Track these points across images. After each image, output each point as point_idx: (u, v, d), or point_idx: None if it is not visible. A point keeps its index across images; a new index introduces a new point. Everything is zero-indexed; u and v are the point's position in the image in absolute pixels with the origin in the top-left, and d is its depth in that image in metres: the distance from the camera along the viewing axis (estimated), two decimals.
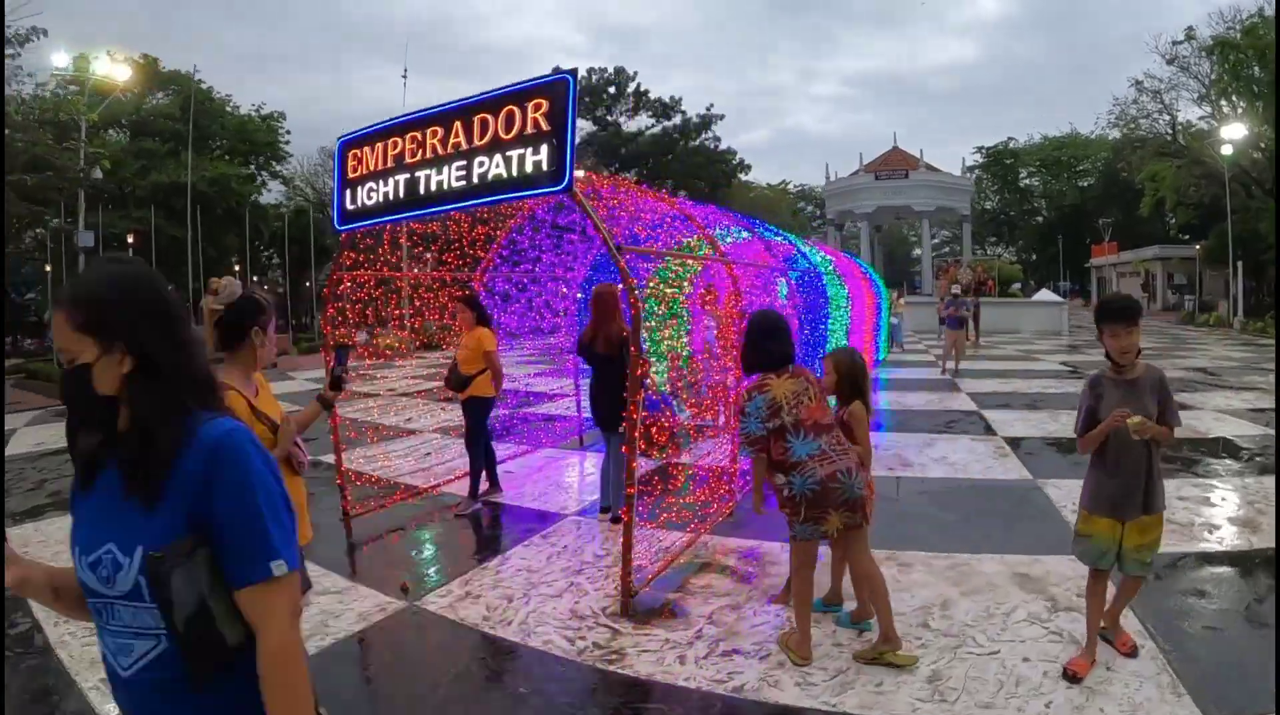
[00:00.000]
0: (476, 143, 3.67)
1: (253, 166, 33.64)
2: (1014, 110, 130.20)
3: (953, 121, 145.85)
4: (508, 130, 3.53)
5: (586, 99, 46.99)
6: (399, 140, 4.08)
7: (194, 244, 24.23)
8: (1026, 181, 56.33)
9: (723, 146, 48.98)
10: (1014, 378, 12.31)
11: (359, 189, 4.36)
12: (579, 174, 3.86)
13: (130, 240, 18.95)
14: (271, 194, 37.62)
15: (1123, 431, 2.63)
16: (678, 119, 47.47)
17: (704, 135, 47.98)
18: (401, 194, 4.08)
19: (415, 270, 7.00)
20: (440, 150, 3.85)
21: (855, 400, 3.28)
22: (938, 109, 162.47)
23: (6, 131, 14.05)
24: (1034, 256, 57.92)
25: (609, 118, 47.82)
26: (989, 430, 7.91)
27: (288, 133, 35.18)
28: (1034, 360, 15.38)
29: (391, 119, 4.20)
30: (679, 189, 46.39)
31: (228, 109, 31.64)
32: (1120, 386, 2.78)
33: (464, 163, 3.73)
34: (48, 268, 19.30)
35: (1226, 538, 4.43)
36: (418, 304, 6.58)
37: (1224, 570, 3.94)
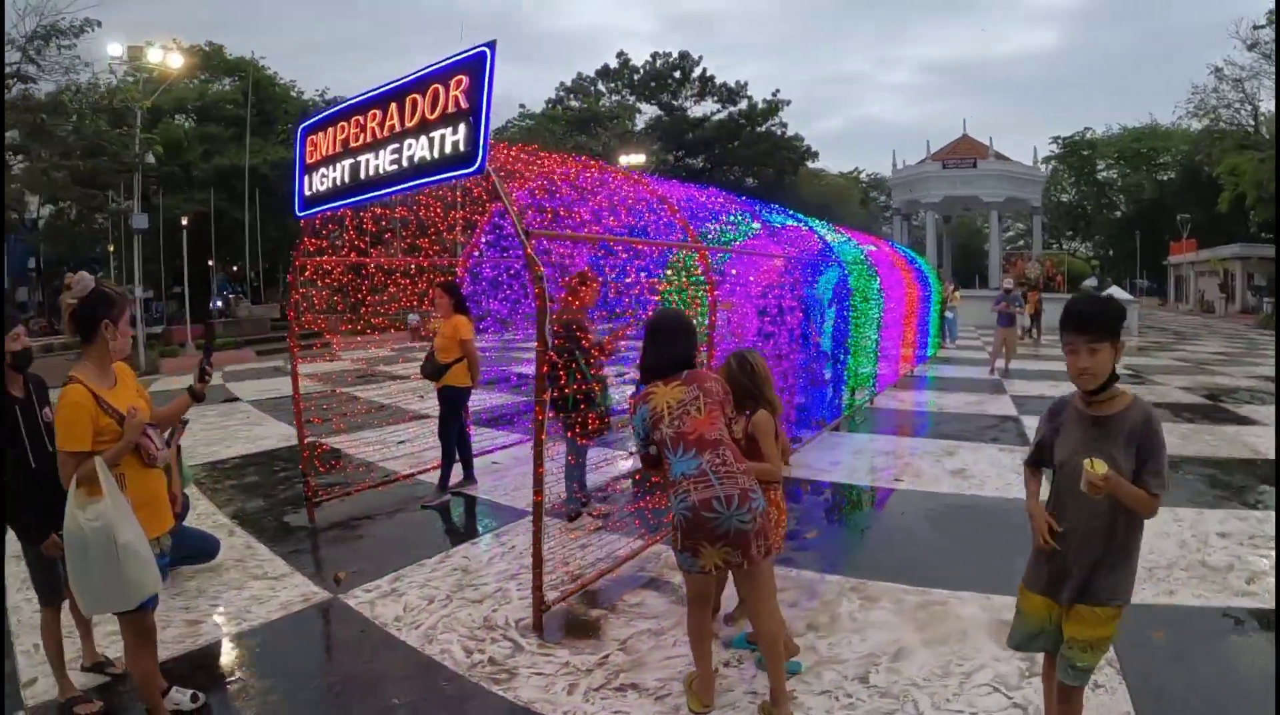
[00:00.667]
0: (407, 124, 3.49)
1: None
2: (1092, 100, 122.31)
3: (1030, 111, 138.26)
4: (433, 110, 3.32)
5: (651, 84, 46.57)
6: (345, 125, 3.95)
7: (253, 225, 25.17)
8: (1104, 174, 52.73)
9: (793, 134, 47.70)
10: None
11: (314, 175, 4.27)
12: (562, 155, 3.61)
13: (184, 222, 19.82)
14: None
15: (1074, 481, 1.97)
16: (743, 104, 46.41)
17: (770, 121, 46.75)
18: (346, 179, 3.96)
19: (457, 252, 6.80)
20: (378, 134, 3.70)
21: (760, 409, 2.88)
22: (1015, 98, 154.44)
23: (72, 119, 14.82)
24: (1110, 252, 54.47)
25: (674, 102, 47.19)
26: (1022, 438, 7.26)
27: None
28: None
29: (342, 103, 4.08)
30: (746, 175, 45.59)
31: (291, 94, 32.63)
32: (1084, 423, 2.09)
33: (396, 145, 3.56)
34: (110, 248, 20.46)
35: (1271, 592, 3.54)
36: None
37: (1261, 638, 3.18)
